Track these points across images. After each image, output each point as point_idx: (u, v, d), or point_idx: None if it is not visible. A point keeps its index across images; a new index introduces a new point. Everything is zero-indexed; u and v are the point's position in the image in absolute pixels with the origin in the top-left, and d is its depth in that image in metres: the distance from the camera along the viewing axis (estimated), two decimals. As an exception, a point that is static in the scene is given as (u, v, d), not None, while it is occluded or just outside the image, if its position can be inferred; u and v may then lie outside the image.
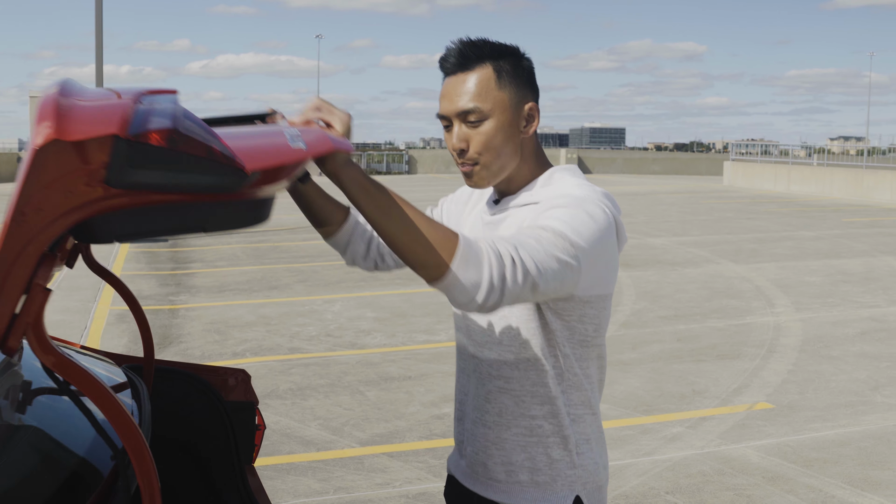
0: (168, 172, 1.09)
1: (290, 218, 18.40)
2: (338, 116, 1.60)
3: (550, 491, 1.82)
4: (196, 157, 1.10)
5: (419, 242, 1.47)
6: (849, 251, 13.45)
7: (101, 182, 1.07)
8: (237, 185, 1.14)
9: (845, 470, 4.78)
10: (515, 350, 1.81)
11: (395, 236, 1.47)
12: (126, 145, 1.06)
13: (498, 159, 1.80)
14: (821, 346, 7.55)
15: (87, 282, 10.23)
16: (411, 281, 10.69)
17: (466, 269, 1.48)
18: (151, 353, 2.11)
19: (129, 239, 1.19)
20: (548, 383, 1.79)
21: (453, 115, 1.80)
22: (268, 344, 7.57)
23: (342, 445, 5.12)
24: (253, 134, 1.39)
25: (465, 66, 1.80)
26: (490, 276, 1.49)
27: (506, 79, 1.80)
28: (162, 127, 1.08)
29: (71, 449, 1.72)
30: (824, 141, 71.94)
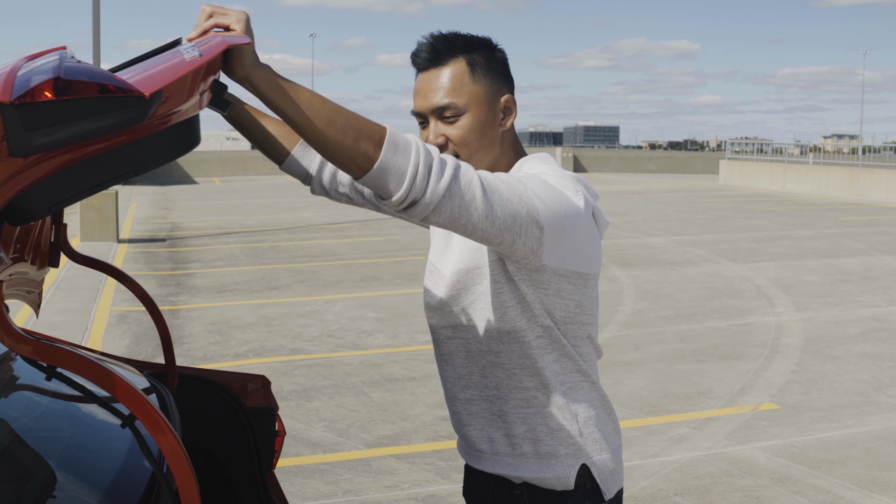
0: (68, 124, 1.04)
1: (288, 218, 18.40)
2: (233, 17, 1.50)
3: (554, 461, 1.80)
4: (88, 98, 1.05)
5: (347, 134, 1.43)
6: (847, 250, 13.47)
7: (8, 156, 1.03)
8: (143, 114, 1.09)
9: (853, 471, 4.78)
10: (496, 323, 1.78)
11: (320, 132, 1.43)
12: (14, 110, 1.02)
13: (477, 153, 1.78)
14: (823, 346, 7.55)
15: (87, 282, 10.20)
16: (411, 281, 10.68)
17: (395, 154, 1.45)
18: (173, 360, 2.10)
19: (63, 205, 1.15)
20: (532, 354, 1.77)
21: (429, 112, 1.78)
22: (270, 345, 7.55)
23: (349, 447, 5.11)
24: (150, 64, 1.34)
25: (438, 61, 1.78)
26: (416, 161, 1.46)
27: (480, 72, 1.78)
28: (44, 80, 1.04)
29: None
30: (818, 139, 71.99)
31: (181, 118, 1.21)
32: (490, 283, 1.77)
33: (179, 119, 1.21)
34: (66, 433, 1.65)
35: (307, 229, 16.38)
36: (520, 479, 1.83)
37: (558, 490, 1.81)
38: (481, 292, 1.79)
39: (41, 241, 1.65)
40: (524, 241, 1.60)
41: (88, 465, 1.59)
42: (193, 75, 1.23)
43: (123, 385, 1.12)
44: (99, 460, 1.62)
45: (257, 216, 18.95)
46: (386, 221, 17.43)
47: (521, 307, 1.75)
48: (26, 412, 1.63)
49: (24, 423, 1.58)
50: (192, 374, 2.24)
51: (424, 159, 1.47)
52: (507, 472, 1.84)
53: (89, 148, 1.08)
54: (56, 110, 1.03)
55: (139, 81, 1.10)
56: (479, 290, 1.80)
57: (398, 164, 1.45)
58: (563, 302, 1.75)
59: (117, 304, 9.18)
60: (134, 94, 1.07)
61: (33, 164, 1.05)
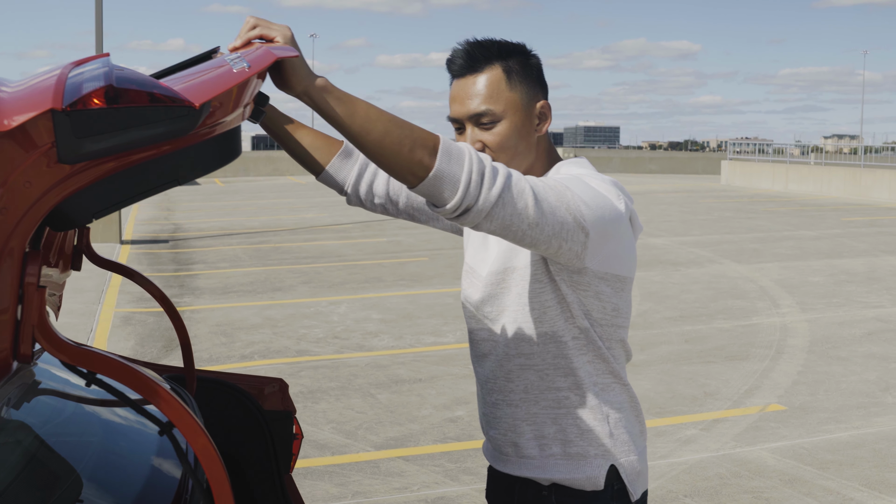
0: (118, 132, 1.04)
1: (290, 219, 18.39)
2: (277, 30, 1.52)
3: (584, 461, 1.82)
4: (139, 107, 1.05)
5: (403, 144, 1.45)
6: (850, 251, 13.46)
7: (57, 163, 1.03)
8: (192, 124, 1.09)
9: (861, 472, 4.78)
10: (533, 324, 1.80)
11: (377, 143, 1.44)
12: (66, 117, 1.01)
13: (514, 160, 1.80)
14: (828, 346, 7.55)
15: (91, 283, 10.20)
16: (415, 282, 10.68)
17: (450, 162, 1.47)
18: (192, 363, 2.10)
19: (106, 212, 1.15)
20: (568, 355, 1.79)
21: (466, 118, 1.79)
22: (275, 346, 7.55)
23: (357, 449, 5.11)
24: (195, 72, 1.34)
25: (474, 67, 1.79)
26: (470, 169, 1.48)
27: (516, 79, 1.79)
28: (96, 88, 1.04)
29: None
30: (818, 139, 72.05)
31: (225, 129, 1.21)
32: (530, 283, 1.78)
33: (223, 129, 1.21)
34: (95, 438, 1.65)
35: (310, 230, 16.38)
36: (548, 480, 1.84)
37: (588, 490, 1.82)
38: (519, 293, 1.80)
39: (65, 245, 1.65)
40: (570, 245, 1.62)
41: (116, 471, 1.58)
42: (241, 87, 1.23)
43: (162, 391, 1.12)
44: (128, 466, 1.61)
45: (259, 217, 18.94)
46: (389, 223, 17.43)
47: (561, 307, 1.77)
48: (51, 418, 1.63)
49: (48, 428, 1.58)
50: (210, 378, 2.24)
51: (477, 167, 1.49)
52: (535, 474, 1.85)
53: (134, 156, 1.08)
54: (107, 118, 1.03)
55: (189, 91, 1.10)
56: (516, 290, 1.81)
57: (452, 171, 1.47)
58: (600, 304, 1.77)
59: (122, 306, 9.18)
60: (184, 104, 1.07)
61: (79, 172, 1.05)
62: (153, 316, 8.70)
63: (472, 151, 1.51)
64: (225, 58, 1.37)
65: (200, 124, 1.10)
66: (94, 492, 1.49)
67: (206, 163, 1.20)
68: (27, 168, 1.02)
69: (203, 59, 1.49)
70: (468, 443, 5.21)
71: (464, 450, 5.09)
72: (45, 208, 1.05)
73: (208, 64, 1.38)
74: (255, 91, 1.32)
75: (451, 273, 11.31)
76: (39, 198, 1.04)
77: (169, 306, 2.03)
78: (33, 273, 1.07)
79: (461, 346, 7.50)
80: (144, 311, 8.96)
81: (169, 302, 2.05)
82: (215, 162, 1.22)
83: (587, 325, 1.78)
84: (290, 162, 39.44)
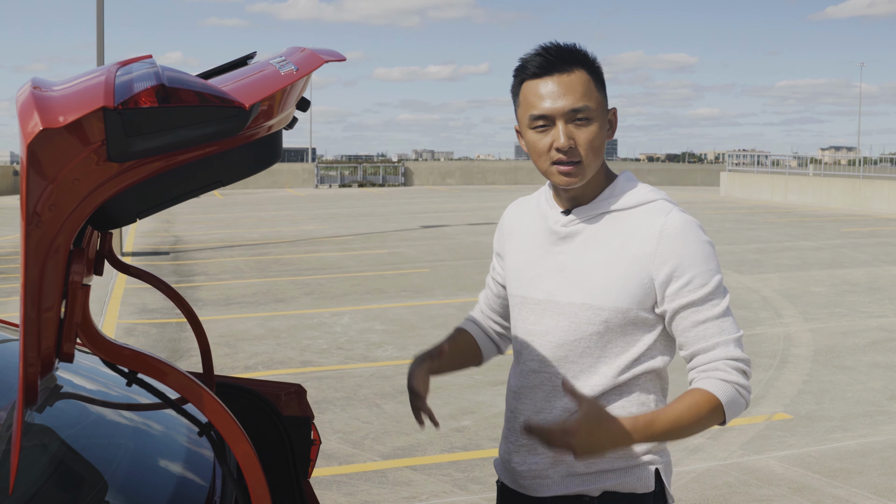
0: (168, 132, 1.05)
1: (291, 231, 18.40)
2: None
3: (632, 473, 1.87)
4: (190, 107, 1.05)
5: (703, 427, 1.77)
6: (851, 261, 13.48)
7: (105, 161, 1.03)
8: (241, 125, 1.09)
9: (870, 480, 4.77)
10: (615, 359, 1.85)
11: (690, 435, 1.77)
12: (117, 115, 1.01)
13: (597, 160, 1.84)
14: (832, 356, 7.55)
15: (93, 294, 10.19)
16: (418, 293, 10.68)
17: (736, 412, 1.80)
18: (211, 368, 2.10)
19: (150, 212, 1.14)
20: (637, 384, 1.87)
21: (560, 114, 1.81)
22: (279, 357, 7.54)
23: (364, 459, 5.10)
24: (242, 74, 1.34)
25: (564, 68, 1.82)
26: (747, 402, 1.81)
27: (598, 83, 1.85)
28: (148, 86, 1.04)
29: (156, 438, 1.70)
30: (815, 151, 72.13)
31: (270, 131, 1.22)
32: (625, 324, 1.84)
33: (268, 132, 1.21)
34: (125, 440, 1.65)
35: (310, 242, 16.38)
36: (599, 490, 1.87)
37: (640, 493, 1.87)
38: (607, 331, 1.84)
39: (89, 249, 1.66)
40: None
41: (148, 473, 1.58)
42: (289, 89, 1.24)
43: (206, 394, 1.12)
44: (159, 469, 1.61)
45: (260, 229, 18.95)
46: (389, 234, 17.44)
47: (652, 347, 1.87)
48: (79, 420, 1.63)
49: (78, 430, 1.58)
50: (228, 383, 2.24)
51: (746, 400, 1.80)
52: (583, 488, 1.88)
53: (181, 157, 1.09)
54: (157, 117, 1.03)
55: (237, 92, 1.10)
56: (606, 328, 1.84)
57: (737, 412, 1.80)
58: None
59: (124, 317, 9.18)
60: (234, 105, 1.07)
61: (127, 170, 1.05)
62: (156, 327, 8.70)
63: (742, 391, 1.78)
64: (270, 60, 1.38)
65: (248, 125, 1.10)
66: (121, 496, 1.49)
67: (249, 165, 1.20)
68: (77, 165, 1.02)
69: (240, 63, 1.50)
70: (475, 452, 5.20)
71: (471, 459, 5.08)
72: (92, 206, 1.05)
73: (254, 66, 1.39)
74: (300, 94, 1.33)
75: (453, 284, 11.31)
76: (87, 195, 1.04)
77: (189, 311, 2.04)
78: (78, 271, 1.07)
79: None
80: (147, 322, 8.95)
81: (189, 307, 2.05)
82: (258, 164, 1.22)
83: (667, 360, 1.91)
84: (289, 174, 39.49)
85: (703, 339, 1.80)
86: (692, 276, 1.79)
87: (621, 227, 1.85)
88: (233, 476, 1.47)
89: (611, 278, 1.82)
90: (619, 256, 1.82)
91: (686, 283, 1.79)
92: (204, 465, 1.65)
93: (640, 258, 1.80)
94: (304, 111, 1.46)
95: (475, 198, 30.44)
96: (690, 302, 1.79)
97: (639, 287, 1.80)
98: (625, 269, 1.81)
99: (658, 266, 1.79)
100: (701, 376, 1.79)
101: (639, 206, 1.86)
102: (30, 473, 1.35)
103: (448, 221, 20.62)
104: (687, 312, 1.80)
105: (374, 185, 41.02)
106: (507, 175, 42.83)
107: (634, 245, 1.81)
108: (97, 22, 15.17)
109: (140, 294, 10.59)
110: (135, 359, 1.14)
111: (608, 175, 1.92)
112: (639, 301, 1.81)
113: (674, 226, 1.81)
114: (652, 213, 1.83)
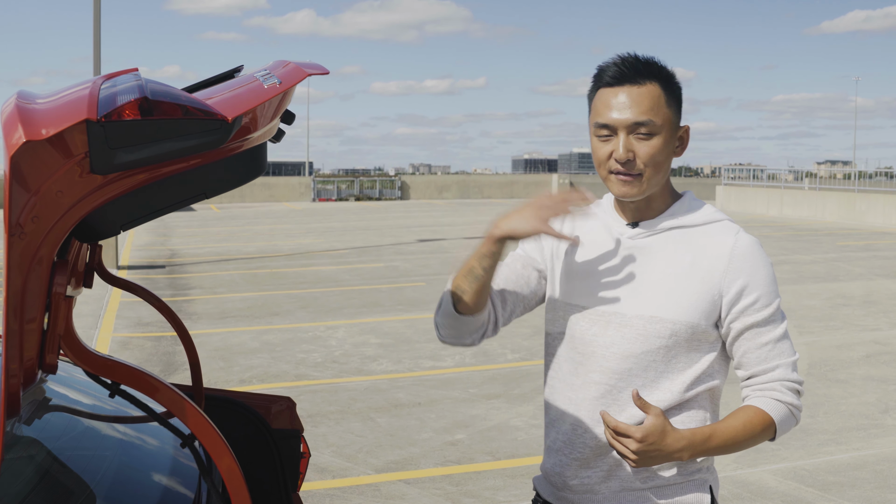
0: (151, 144, 1.05)
1: (286, 244, 18.40)
2: None
3: (687, 489, 1.88)
4: (173, 120, 1.05)
5: (755, 443, 1.86)
6: (846, 274, 13.50)
7: (89, 173, 1.03)
8: (224, 138, 1.09)
9: (863, 493, 4.77)
10: (676, 375, 1.87)
11: (741, 450, 1.86)
12: (100, 127, 1.02)
13: (657, 174, 1.84)
14: (827, 369, 7.55)
15: (88, 308, 10.18)
16: (413, 307, 10.68)
17: (785, 430, 1.87)
18: (200, 380, 2.10)
19: (134, 224, 1.15)
20: (696, 401, 1.90)
21: (623, 125, 1.82)
22: (274, 370, 7.53)
23: (357, 473, 5.09)
24: (226, 87, 1.34)
25: (637, 80, 1.83)
26: (797, 421, 1.89)
27: (671, 99, 1.85)
28: (131, 99, 1.04)
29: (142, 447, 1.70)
30: (811, 165, 72.29)
31: (254, 144, 1.22)
32: (691, 339, 1.85)
33: (252, 145, 1.22)
34: (110, 452, 1.65)
35: (306, 255, 16.38)
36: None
37: None
38: (674, 345, 1.85)
39: (78, 262, 1.66)
40: None
41: (133, 484, 1.58)
42: (272, 102, 1.24)
43: (189, 406, 1.13)
44: (143, 480, 1.61)
45: (256, 242, 18.95)
46: (385, 248, 17.45)
47: (711, 366, 1.90)
48: (66, 432, 1.63)
49: (64, 442, 1.58)
50: (218, 396, 2.24)
51: (799, 411, 1.88)
52: (636, 502, 1.88)
53: (165, 169, 1.09)
54: (141, 130, 1.04)
55: (221, 105, 1.11)
56: (674, 342, 1.85)
57: (787, 431, 1.89)
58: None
59: (119, 331, 9.16)
60: (217, 118, 1.08)
61: (110, 182, 1.06)
62: (151, 341, 8.69)
63: (794, 411, 1.86)
64: (255, 73, 1.38)
65: (231, 138, 1.11)
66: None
67: (234, 177, 1.21)
68: (60, 177, 1.03)
69: (227, 77, 1.51)
70: (469, 466, 5.19)
71: (465, 473, 5.08)
72: (76, 218, 1.05)
73: (239, 79, 1.39)
74: (283, 107, 1.33)
75: (448, 297, 11.30)
76: (71, 207, 1.05)
77: (178, 324, 2.04)
78: (61, 283, 1.08)
79: (460, 370, 7.50)
80: (142, 335, 8.94)
81: (177, 318, 2.05)
82: (242, 177, 1.23)
83: (722, 379, 1.94)
84: (285, 188, 39.49)
85: (763, 362, 1.86)
86: (758, 296, 1.84)
87: (691, 243, 1.86)
88: (217, 490, 1.47)
89: (682, 292, 1.83)
90: (691, 272, 1.84)
91: (753, 302, 1.83)
92: (189, 477, 1.65)
93: (712, 274, 1.83)
94: (290, 124, 1.46)
95: (472, 211, 30.47)
96: (754, 322, 1.84)
97: (708, 303, 1.83)
98: (696, 285, 1.83)
99: (729, 283, 1.83)
100: (756, 394, 1.86)
101: (707, 224, 1.89)
102: (15, 484, 1.35)
103: (444, 235, 20.64)
104: (750, 333, 1.85)
105: (371, 199, 41.05)
106: (504, 189, 42.88)
107: (706, 261, 1.84)
108: (94, 35, 15.20)
109: (135, 308, 10.57)
110: (118, 370, 1.14)
111: (673, 193, 1.93)
112: (706, 316, 1.84)
113: (744, 245, 1.85)
114: (722, 232, 1.87)
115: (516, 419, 6.11)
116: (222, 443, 1.15)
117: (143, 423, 1.71)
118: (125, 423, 1.81)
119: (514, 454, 5.38)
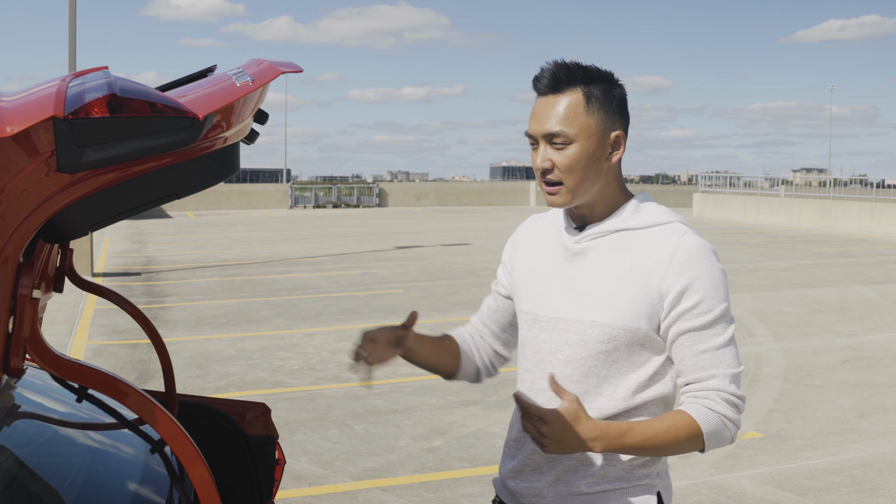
0: (120, 142, 1.02)
1: (264, 251, 18.31)
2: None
3: (633, 494, 1.87)
4: (142, 117, 1.03)
5: (679, 450, 1.78)
6: (822, 281, 13.59)
7: (55, 171, 1.01)
8: (194, 136, 1.07)
9: (840, 498, 4.79)
10: (626, 382, 1.84)
11: (658, 455, 1.79)
12: (67, 125, 0.99)
13: (581, 183, 1.82)
14: (803, 374, 7.59)
15: (62, 316, 10.08)
16: (390, 313, 10.64)
17: (718, 444, 1.80)
18: (173, 386, 2.07)
19: (103, 224, 1.12)
20: (643, 407, 1.86)
21: (540, 136, 1.84)
22: (250, 378, 7.48)
23: (334, 480, 5.05)
24: (198, 86, 1.32)
25: (556, 88, 1.82)
26: (732, 435, 1.80)
27: (595, 105, 1.82)
28: (99, 96, 1.02)
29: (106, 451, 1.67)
30: (787, 173, 72.92)
31: (226, 143, 1.20)
32: (632, 344, 1.82)
33: (224, 144, 1.19)
34: (79, 459, 1.62)
35: (284, 262, 16.31)
36: None
37: None
38: (614, 350, 1.83)
39: (48, 266, 1.63)
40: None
41: (103, 491, 1.55)
42: (244, 101, 1.22)
43: (158, 411, 1.10)
44: (114, 486, 1.58)
45: (233, 250, 18.85)
46: (363, 255, 17.40)
47: (659, 371, 1.86)
48: (34, 438, 1.60)
49: (32, 449, 1.54)
50: (191, 402, 2.21)
51: (732, 434, 1.80)
52: None
53: (135, 168, 1.07)
54: (109, 127, 1.01)
55: (192, 103, 1.09)
56: (614, 346, 1.82)
57: (719, 444, 1.81)
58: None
59: (94, 338, 9.08)
60: (187, 115, 1.05)
61: (79, 181, 1.03)
62: (126, 348, 8.61)
63: (728, 423, 1.78)
64: (227, 72, 1.36)
65: (203, 137, 1.09)
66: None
67: (206, 177, 1.19)
68: (26, 176, 1.00)
69: (200, 76, 1.48)
70: (447, 472, 5.17)
71: (443, 480, 5.05)
72: (43, 218, 1.03)
73: (211, 78, 1.37)
74: (257, 106, 1.31)
75: (426, 304, 11.29)
76: (37, 206, 1.02)
77: (151, 329, 2.01)
78: (27, 285, 1.05)
79: (437, 377, 7.46)
80: (117, 343, 8.86)
81: (150, 324, 2.03)
82: (214, 176, 1.20)
83: (673, 386, 1.90)
84: (263, 195, 39.36)
85: (699, 370, 1.79)
86: (699, 300, 1.78)
87: (634, 246, 1.83)
88: (189, 498, 1.44)
89: (620, 296, 1.80)
90: (631, 275, 1.80)
91: (692, 307, 1.77)
92: (161, 485, 1.62)
93: (652, 277, 1.79)
94: (263, 124, 1.44)
95: (450, 219, 30.47)
96: (692, 328, 1.78)
97: (648, 306, 1.79)
98: (635, 288, 1.79)
99: (669, 286, 1.78)
100: (689, 401, 1.79)
101: (653, 227, 1.85)
102: None
103: (422, 242, 20.62)
104: (687, 339, 1.78)
105: (349, 206, 40.97)
106: (482, 196, 42.91)
107: (647, 264, 1.80)
108: (69, 41, 15.09)
109: (110, 315, 10.48)
110: (86, 374, 1.12)
111: (625, 194, 1.91)
112: (648, 320, 1.80)
113: (687, 248, 1.80)
114: (666, 234, 1.82)
115: (494, 426, 6.09)
116: (194, 450, 1.13)
117: (114, 429, 1.68)
118: (95, 429, 1.78)
119: (491, 461, 5.36)
